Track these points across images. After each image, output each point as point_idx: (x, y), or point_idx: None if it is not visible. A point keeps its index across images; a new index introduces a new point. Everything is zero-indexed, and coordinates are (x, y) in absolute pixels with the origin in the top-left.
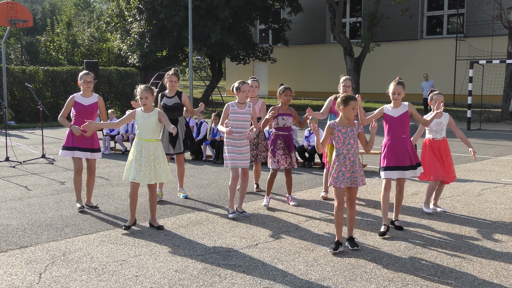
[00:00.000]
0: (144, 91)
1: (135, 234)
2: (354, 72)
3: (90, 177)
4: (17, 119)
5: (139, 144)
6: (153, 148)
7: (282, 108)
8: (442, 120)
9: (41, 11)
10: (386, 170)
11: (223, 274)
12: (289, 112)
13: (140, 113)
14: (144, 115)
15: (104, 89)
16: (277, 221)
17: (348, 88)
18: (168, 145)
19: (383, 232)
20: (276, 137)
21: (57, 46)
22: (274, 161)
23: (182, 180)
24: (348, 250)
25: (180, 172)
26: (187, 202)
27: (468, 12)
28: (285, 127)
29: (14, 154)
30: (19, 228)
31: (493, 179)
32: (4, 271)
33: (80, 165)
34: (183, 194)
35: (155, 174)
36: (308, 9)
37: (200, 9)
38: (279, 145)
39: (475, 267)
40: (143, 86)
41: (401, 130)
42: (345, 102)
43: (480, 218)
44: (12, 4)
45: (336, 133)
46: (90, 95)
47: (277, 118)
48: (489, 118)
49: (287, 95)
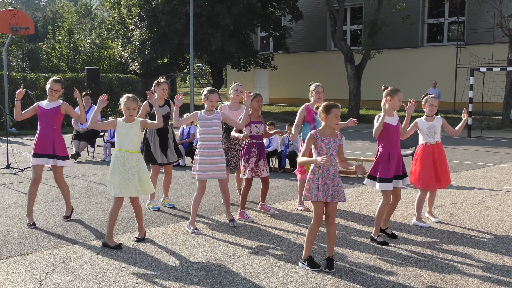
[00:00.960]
0: (133, 102)
1: (135, 241)
2: (355, 79)
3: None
4: (18, 126)
5: (121, 156)
6: (136, 159)
7: (254, 115)
8: (435, 123)
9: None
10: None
11: (224, 281)
12: (261, 120)
13: (121, 123)
14: (126, 125)
15: None
16: (278, 229)
17: (321, 95)
18: (161, 155)
19: (384, 241)
20: (250, 145)
21: (59, 53)
22: (249, 170)
23: (168, 189)
24: (351, 256)
25: (167, 181)
26: (188, 209)
27: (469, 19)
28: (258, 134)
29: (15, 161)
30: (20, 235)
31: (494, 187)
32: (5, 278)
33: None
34: (170, 203)
35: (141, 185)
36: (308, 16)
37: (201, 16)
38: (253, 153)
39: (476, 275)
40: (131, 96)
41: (397, 138)
42: (327, 110)
43: (481, 225)
44: (14, 12)
45: (319, 144)
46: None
47: (250, 126)
48: (490, 125)
49: (258, 101)
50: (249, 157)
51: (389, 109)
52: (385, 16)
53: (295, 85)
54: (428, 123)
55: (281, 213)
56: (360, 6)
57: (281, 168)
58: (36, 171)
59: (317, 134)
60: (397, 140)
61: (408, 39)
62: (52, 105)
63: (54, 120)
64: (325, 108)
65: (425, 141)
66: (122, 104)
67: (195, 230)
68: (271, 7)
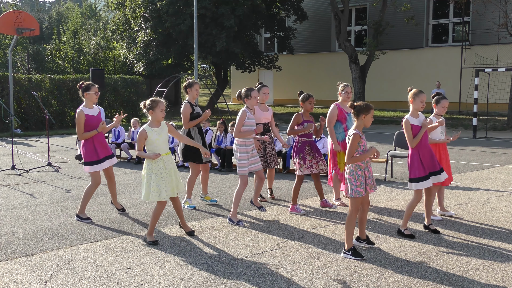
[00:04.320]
0: (164, 103)
1: (141, 242)
2: (359, 80)
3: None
4: (23, 127)
5: (160, 161)
6: (171, 160)
7: (305, 115)
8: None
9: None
10: (419, 181)
11: (228, 282)
12: (311, 119)
13: (150, 129)
14: (156, 130)
15: (110, 97)
16: (282, 229)
17: (349, 95)
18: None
19: (411, 234)
20: (304, 144)
21: (63, 54)
22: (305, 167)
23: (206, 186)
24: (354, 260)
25: (205, 178)
26: (192, 210)
27: (474, 20)
28: (309, 133)
29: (20, 162)
30: (25, 236)
31: (500, 188)
32: (10, 279)
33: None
34: (212, 199)
35: (178, 185)
36: (313, 17)
37: (205, 17)
38: (307, 151)
39: (481, 275)
40: (163, 99)
41: (426, 137)
42: (367, 110)
43: (486, 226)
44: (19, 13)
45: (363, 141)
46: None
47: (303, 125)
48: (495, 126)
49: (311, 103)
50: (303, 155)
51: (413, 111)
52: (390, 17)
53: (300, 86)
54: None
55: (286, 214)
56: (365, 6)
57: (285, 169)
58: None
59: (360, 133)
60: (425, 139)
61: (413, 39)
62: (96, 111)
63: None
64: (365, 108)
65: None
66: (156, 108)
67: (239, 223)
68: (276, 8)
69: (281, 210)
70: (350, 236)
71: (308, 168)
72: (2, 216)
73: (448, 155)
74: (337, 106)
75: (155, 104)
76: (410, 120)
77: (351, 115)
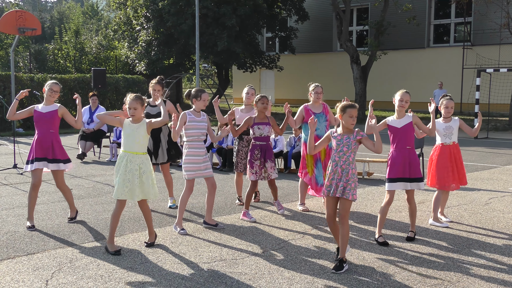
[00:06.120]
0: (134, 101)
1: (141, 242)
2: (361, 80)
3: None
4: (25, 126)
5: (124, 157)
6: (139, 162)
7: (259, 117)
8: (452, 124)
9: (49, 19)
10: (390, 182)
11: (229, 282)
12: (266, 121)
13: (128, 123)
14: (132, 125)
15: (111, 96)
16: (283, 229)
17: (320, 95)
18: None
19: (385, 242)
20: (254, 147)
21: (65, 54)
22: (252, 172)
23: (171, 189)
24: (356, 257)
25: (167, 182)
26: (194, 210)
27: (475, 20)
28: (262, 136)
29: (22, 161)
30: (26, 235)
31: (501, 188)
32: (11, 277)
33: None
34: (170, 203)
35: (142, 190)
36: (314, 17)
37: (207, 17)
38: (256, 156)
39: (483, 277)
40: (133, 96)
41: (405, 141)
42: (343, 110)
43: (487, 227)
44: (21, 13)
45: (332, 140)
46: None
47: (253, 128)
48: (496, 126)
49: (264, 103)
50: (252, 160)
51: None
52: (391, 17)
53: (301, 86)
54: (445, 124)
55: (287, 214)
56: (366, 7)
57: (286, 169)
58: (36, 175)
59: (333, 132)
60: (403, 142)
61: (415, 40)
62: (49, 109)
63: (53, 124)
64: (341, 108)
65: (441, 142)
66: (126, 104)
67: (182, 231)
68: (277, 8)
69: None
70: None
71: (253, 175)
72: (4, 215)
73: (461, 159)
74: (305, 107)
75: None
76: (388, 120)
77: (319, 116)
